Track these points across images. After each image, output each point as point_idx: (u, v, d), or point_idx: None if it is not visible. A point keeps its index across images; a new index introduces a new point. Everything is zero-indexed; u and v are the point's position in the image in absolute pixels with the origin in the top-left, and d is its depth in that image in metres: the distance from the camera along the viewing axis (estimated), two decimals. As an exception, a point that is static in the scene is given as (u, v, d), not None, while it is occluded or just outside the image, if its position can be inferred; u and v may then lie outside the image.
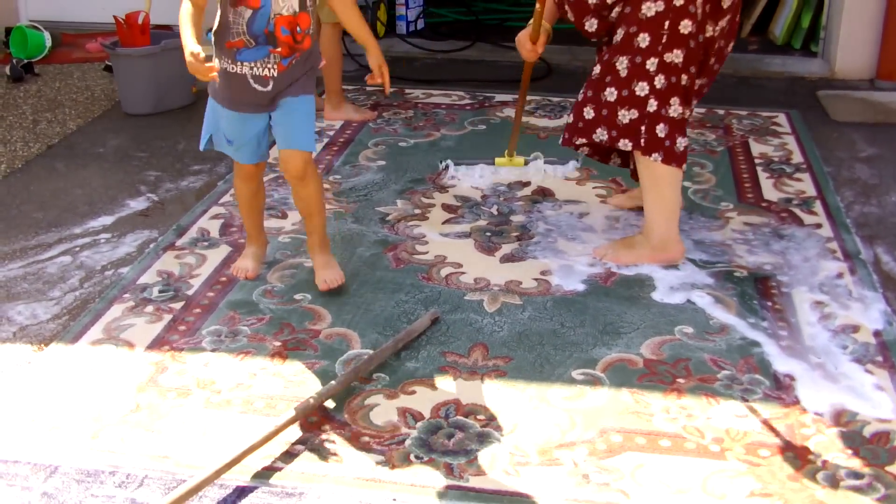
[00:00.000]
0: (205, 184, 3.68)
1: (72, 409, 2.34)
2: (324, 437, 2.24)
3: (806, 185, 3.66)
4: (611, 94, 2.95)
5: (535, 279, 2.96)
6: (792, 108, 4.50)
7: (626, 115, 2.94)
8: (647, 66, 2.89)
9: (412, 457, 2.17)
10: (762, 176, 3.74)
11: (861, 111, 4.50)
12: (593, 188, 3.63)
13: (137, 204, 3.51)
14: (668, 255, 3.05)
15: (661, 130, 2.92)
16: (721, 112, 4.43)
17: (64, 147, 4.07)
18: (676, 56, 2.88)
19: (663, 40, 2.87)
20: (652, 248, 3.05)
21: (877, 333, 2.67)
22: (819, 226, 3.32)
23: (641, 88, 2.90)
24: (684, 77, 2.91)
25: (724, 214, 3.41)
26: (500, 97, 4.63)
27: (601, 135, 3.00)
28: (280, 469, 2.14)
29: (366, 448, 2.20)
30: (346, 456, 2.18)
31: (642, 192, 3.08)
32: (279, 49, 2.60)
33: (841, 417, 2.33)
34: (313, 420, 2.29)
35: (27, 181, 3.71)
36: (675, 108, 2.92)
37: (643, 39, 2.88)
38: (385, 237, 3.23)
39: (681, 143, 2.95)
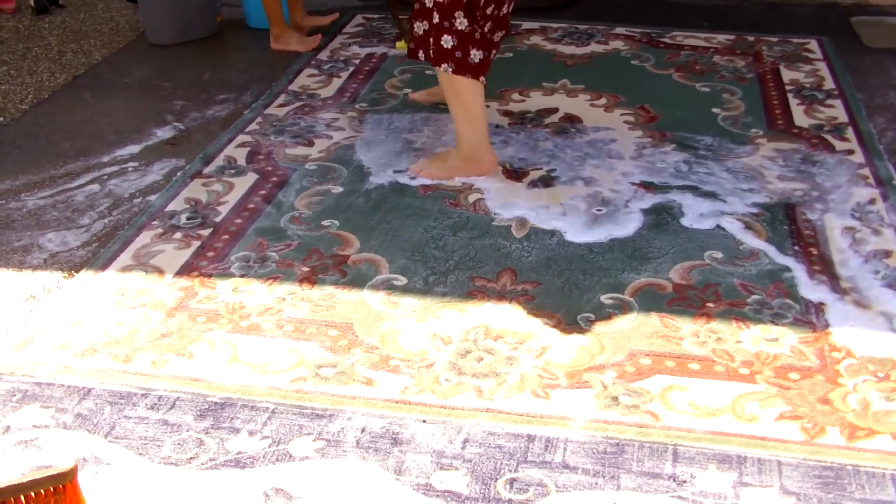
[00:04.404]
0: (230, 112, 3.66)
1: (103, 334, 2.36)
2: (354, 360, 2.25)
3: (838, 112, 3.60)
4: (416, 6, 3.02)
5: (563, 205, 2.94)
6: (824, 35, 4.42)
7: (420, 27, 3.00)
8: None
9: (442, 379, 2.19)
10: (793, 102, 3.69)
11: (895, 37, 4.41)
12: (621, 115, 3.59)
13: (164, 133, 3.51)
14: (479, 167, 3.10)
15: (447, 42, 2.94)
16: (751, 39, 4.36)
17: (90, 77, 4.06)
18: None
19: None
20: (464, 160, 3.09)
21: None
22: (851, 152, 3.27)
23: (429, 0, 2.94)
24: None
25: (753, 140, 3.36)
26: (526, 24, 4.56)
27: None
28: (310, 392, 2.15)
29: (395, 371, 2.22)
30: (377, 379, 2.19)
31: (449, 107, 3.11)
32: None
33: (871, 341, 2.31)
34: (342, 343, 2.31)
35: (54, 112, 3.71)
36: (460, 21, 2.92)
37: None
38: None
39: (475, 54, 2.95)
